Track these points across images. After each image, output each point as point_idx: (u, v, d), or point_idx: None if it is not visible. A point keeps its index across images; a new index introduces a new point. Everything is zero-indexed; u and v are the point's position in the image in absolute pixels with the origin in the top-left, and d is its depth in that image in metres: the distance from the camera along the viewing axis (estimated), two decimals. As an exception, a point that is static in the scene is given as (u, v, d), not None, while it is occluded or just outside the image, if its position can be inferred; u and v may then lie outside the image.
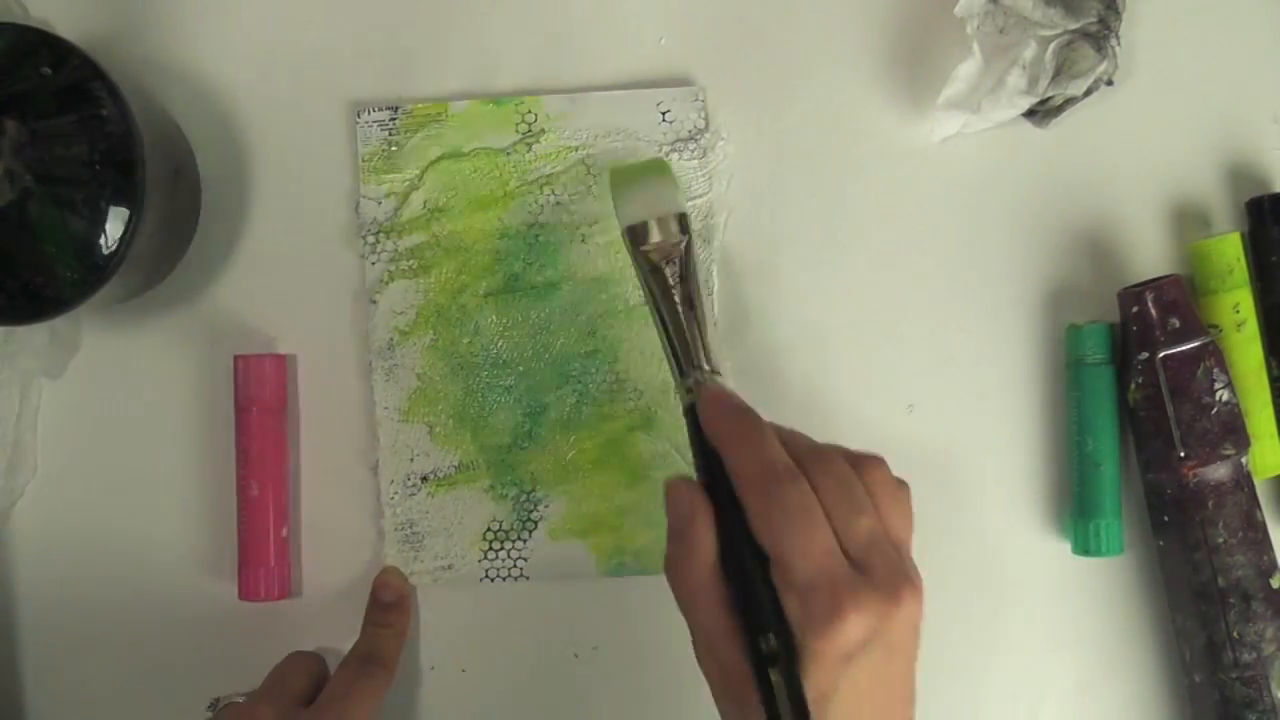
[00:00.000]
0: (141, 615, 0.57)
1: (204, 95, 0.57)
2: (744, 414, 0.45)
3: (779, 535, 0.41)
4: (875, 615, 0.40)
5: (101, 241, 0.50)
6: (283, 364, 0.57)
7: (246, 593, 0.55)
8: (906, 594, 0.41)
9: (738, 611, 0.42)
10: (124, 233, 0.50)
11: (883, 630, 0.41)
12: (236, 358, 0.56)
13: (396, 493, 0.57)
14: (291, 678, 0.53)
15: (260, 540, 0.56)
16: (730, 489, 0.43)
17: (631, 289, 0.57)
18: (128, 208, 0.50)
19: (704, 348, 0.48)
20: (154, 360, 0.57)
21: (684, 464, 0.56)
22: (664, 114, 0.57)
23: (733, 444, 0.44)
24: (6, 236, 0.50)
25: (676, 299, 0.49)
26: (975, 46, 0.54)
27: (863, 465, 0.44)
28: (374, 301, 0.57)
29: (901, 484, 0.45)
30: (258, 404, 0.56)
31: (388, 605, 0.56)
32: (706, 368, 0.48)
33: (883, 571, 0.41)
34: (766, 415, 0.56)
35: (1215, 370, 0.53)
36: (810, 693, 0.40)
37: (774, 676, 0.41)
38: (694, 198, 0.57)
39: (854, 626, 0.40)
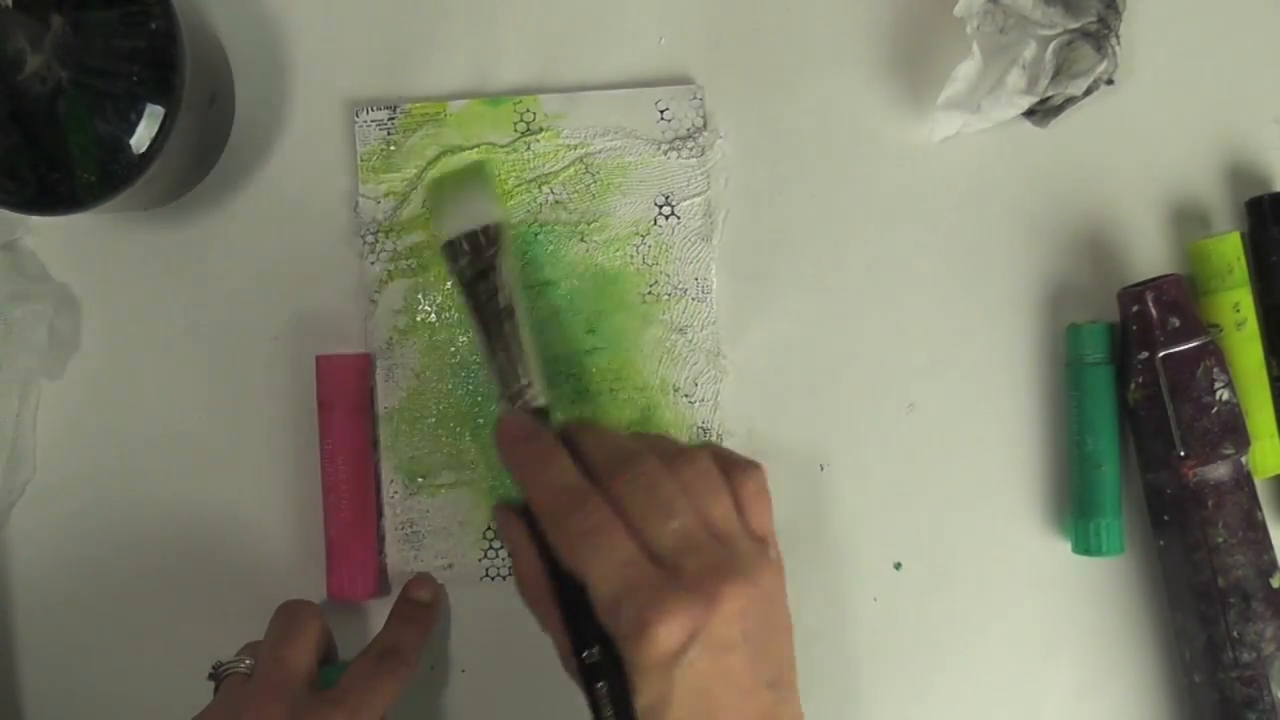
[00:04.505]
0: (144, 615, 0.57)
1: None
2: (531, 441, 0.46)
3: (577, 559, 0.42)
4: (688, 618, 0.40)
5: (127, 148, 0.50)
6: (365, 362, 0.56)
7: (337, 592, 0.55)
8: (725, 588, 0.41)
9: (569, 627, 0.44)
10: (151, 141, 0.50)
11: (703, 630, 0.40)
12: (319, 358, 0.56)
13: (397, 492, 0.57)
14: (293, 655, 0.50)
15: (349, 541, 0.56)
16: None
17: (631, 287, 0.57)
18: (161, 110, 0.50)
19: (517, 364, 0.49)
20: (153, 359, 0.57)
21: (683, 463, 0.56)
22: (662, 112, 0.57)
23: (523, 474, 0.45)
24: (34, 128, 0.50)
25: (486, 315, 0.49)
26: (975, 46, 0.54)
27: (678, 462, 0.44)
28: (373, 301, 0.57)
29: (745, 467, 0.45)
30: (341, 403, 0.55)
31: (419, 603, 0.55)
32: (520, 384, 0.49)
33: (694, 571, 0.41)
34: (767, 415, 0.57)
35: (1215, 370, 0.53)
36: (641, 700, 0.41)
37: (601, 688, 0.42)
38: (692, 195, 0.57)
39: (665, 633, 0.40)
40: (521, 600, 0.46)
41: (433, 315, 0.57)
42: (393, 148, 0.57)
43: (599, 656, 0.43)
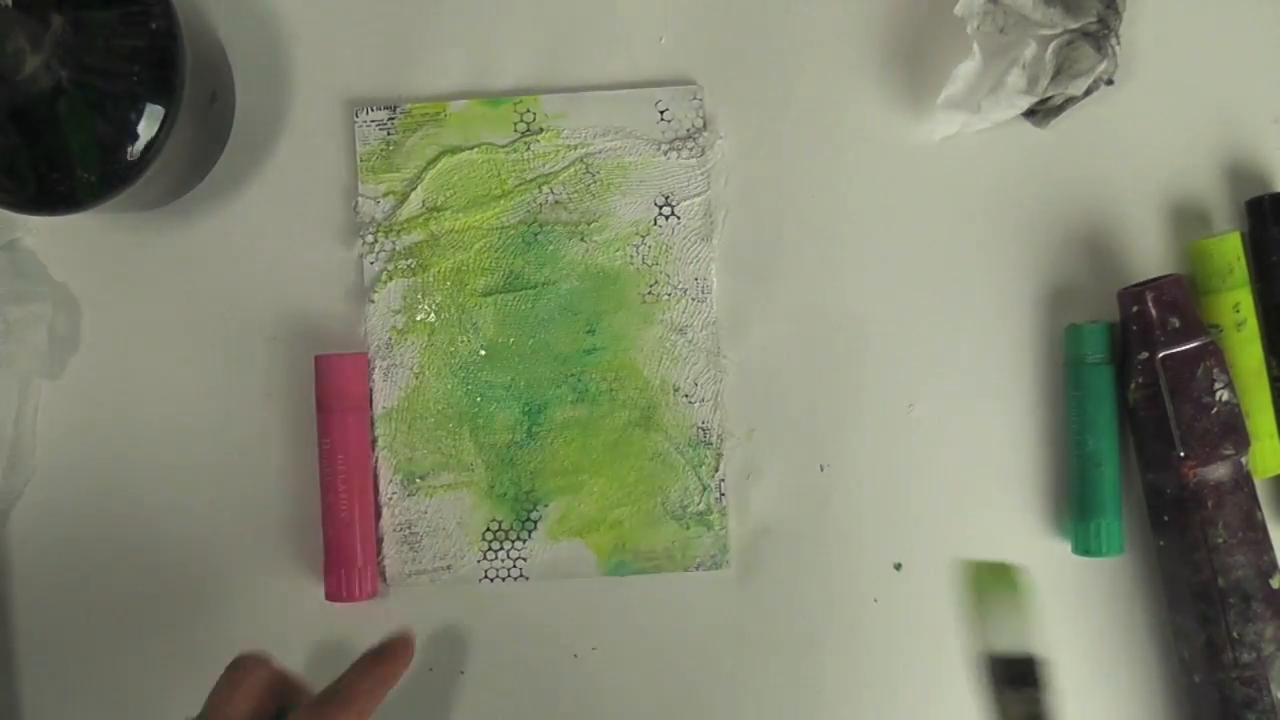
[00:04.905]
0: (142, 615, 0.57)
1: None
2: None
3: None
4: None
5: (127, 148, 0.50)
6: (364, 362, 0.57)
7: (335, 594, 0.55)
8: None
9: None
10: (151, 141, 0.50)
11: None
12: (318, 358, 0.56)
13: (395, 493, 0.56)
14: (233, 707, 0.47)
15: (348, 541, 0.55)
16: None
17: (631, 287, 0.57)
18: (161, 110, 0.50)
19: None
20: (153, 359, 0.57)
21: (682, 462, 0.56)
22: (662, 113, 0.57)
23: None
24: (34, 128, 0.50)
25: None
26: (975, 46, 0.54)
27: None
28: (372, 300, 0.57)
29: None
30: (339, 403, 0.55)
31: (377, 650, 0.50)
32: None
33: None
34: (767, 415, 0.57)
35: (1215, 370, 0.53)
36: None
37: None
38: (692, 195, 0.57)
39: None
40: None
41: (432, 315, 0.57)
42: (392, 148, 0.57)
43: None
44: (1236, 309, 0.54)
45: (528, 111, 0.57)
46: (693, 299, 0.57)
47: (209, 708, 0.49)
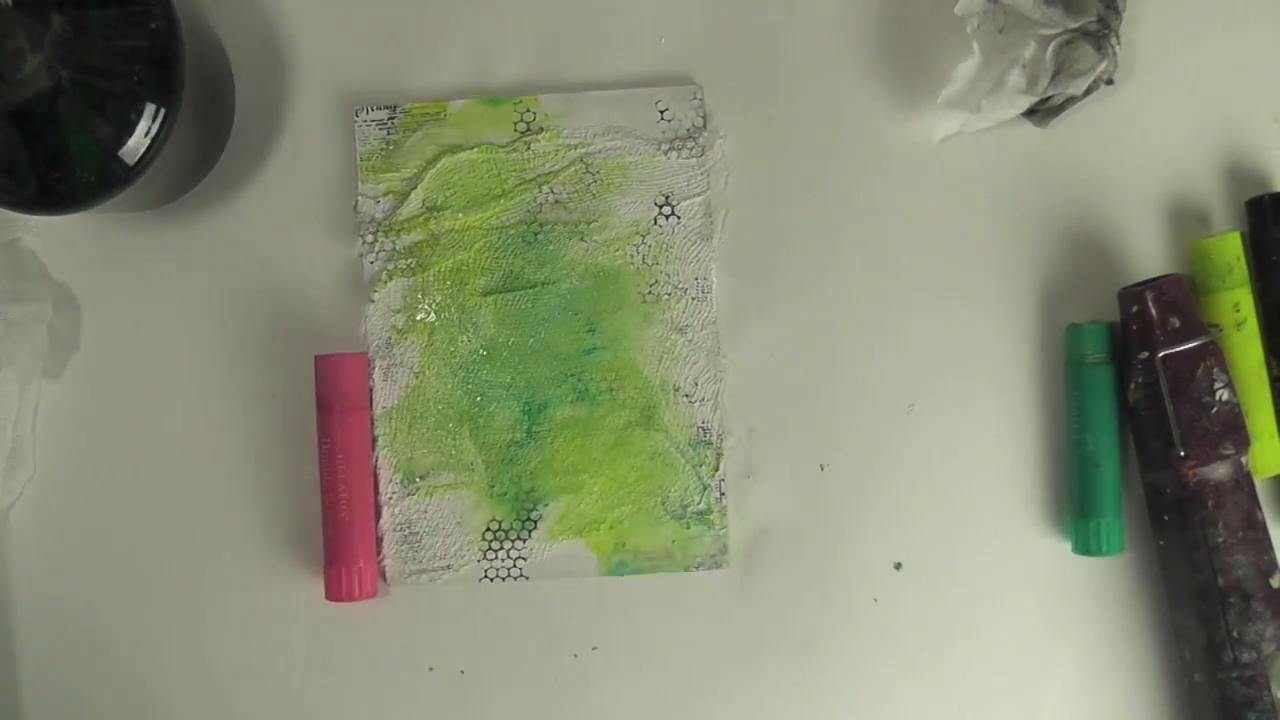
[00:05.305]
0: (142, 616, 0.57)
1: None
2: None
3: None
4: None
5: (127, 147, 0.50)
6: (364, 361, 0.57)
7: (335, 593, 0.55)
8: None
9: None
10: (152, 141, 0.50)
11: None
12: (318, 357, 0.56)
13: (395, 492, 0.56)
14: None
15: (347, 541, 0.55)
16: None
17: (632, 287, 0.57)
18: (161, 110, 0.50)
19: None
20: (153, 359, 0.57)
21: (683, 461, 0.56)
22: (662, 112, 0.57)
23: None
24: (34, 127, 0.50)
25: None
26: (975, 46, 0.54)
27: None
28: (372, 300, 0.57)
29: None
30: (339, 403, 0.55)
31: None
32: None
33: None
34: (767, 415, 0.57)
35: (1215, 370, 0.53)
36: None
37: None
38: (692, 195, 0.57)
39: None
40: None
41: (432, 315, 0.57)
42: (392, 147, 0.57)
43: None
44: (1236, 309, 0.54)
45: (528, 111, 0.57)
46: (693, 299, 0.57)
47: None
